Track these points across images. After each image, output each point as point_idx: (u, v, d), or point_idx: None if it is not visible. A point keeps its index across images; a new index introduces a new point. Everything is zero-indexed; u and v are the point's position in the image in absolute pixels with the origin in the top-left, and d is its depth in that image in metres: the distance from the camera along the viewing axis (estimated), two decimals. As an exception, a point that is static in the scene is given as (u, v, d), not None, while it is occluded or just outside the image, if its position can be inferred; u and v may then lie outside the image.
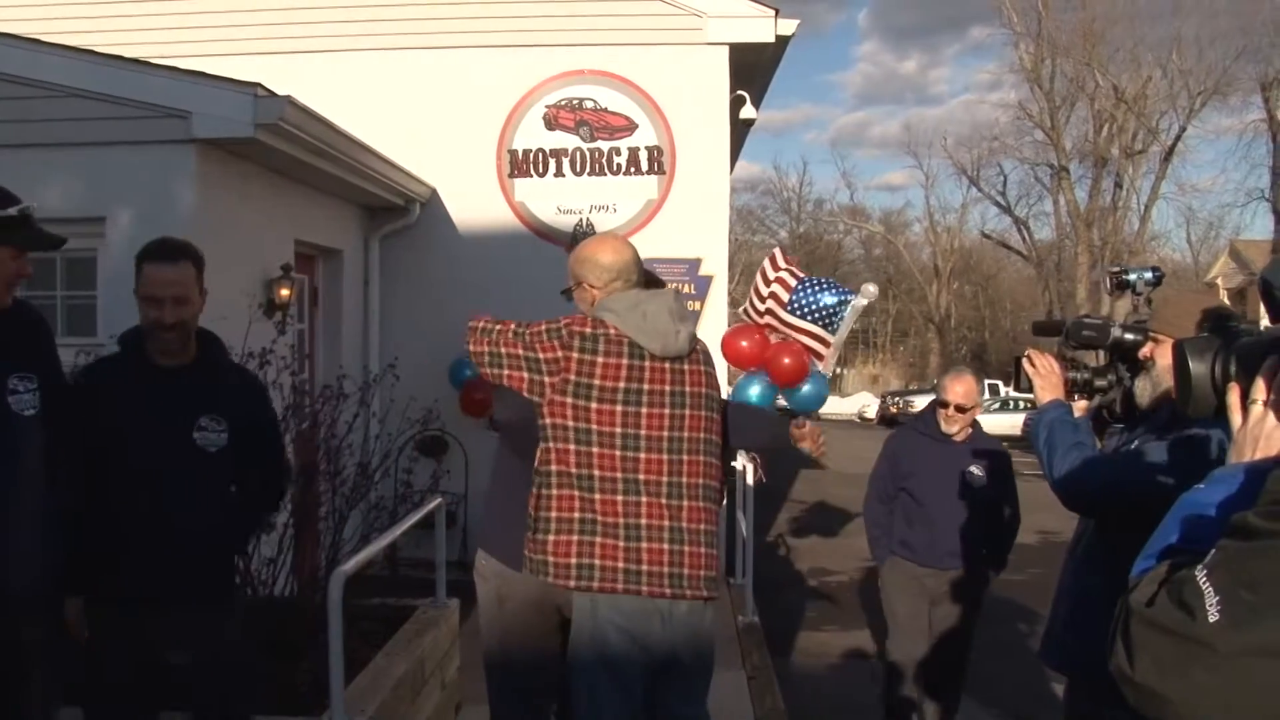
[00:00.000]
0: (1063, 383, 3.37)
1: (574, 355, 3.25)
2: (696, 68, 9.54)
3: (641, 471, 3.27)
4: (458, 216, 9.49)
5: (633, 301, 3.36)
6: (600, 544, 3.25)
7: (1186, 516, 1.40)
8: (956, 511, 5.20)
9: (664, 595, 3.27)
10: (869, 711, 6.38)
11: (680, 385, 3.37)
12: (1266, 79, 38.80)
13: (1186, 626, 1.13)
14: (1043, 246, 50.91)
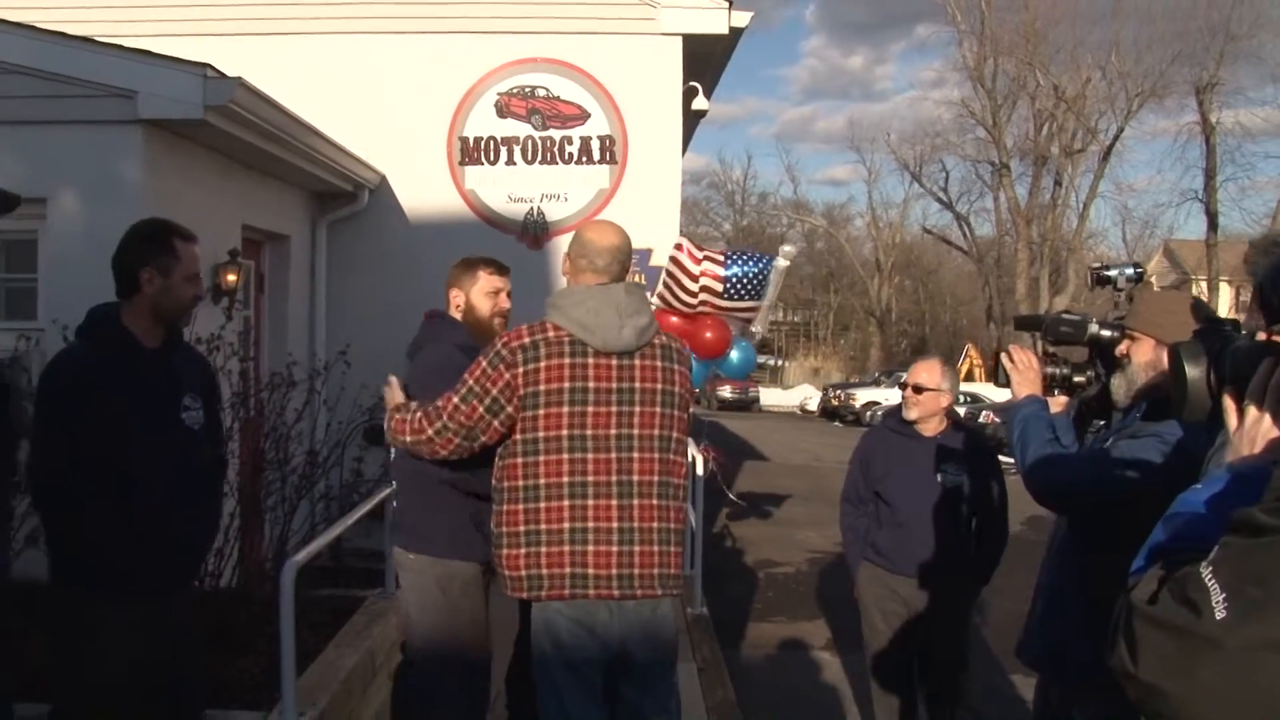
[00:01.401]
0: (1041, 378, 3.39)
1: (520, 370, 3.20)
2: (650, 58, 9.52)
3: (590, 473, 3.24)
4: (407, 204, 9.39)
5: (579, 297, 3.31)
6: (545, 553, 3.24)
7: (1179, 515, 1.40)
8: (929, 515, 4.71)
9: (612, 597, 3.27)
10: (819, 702, 6.43)
11: (629, 381, 3.30)
12: (1201, 83, 39.63)
13: (1192, 623, 1.12)
14: (983, 242, 51.59)
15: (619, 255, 3.43)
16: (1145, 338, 3.16)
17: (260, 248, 8.30)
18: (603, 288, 3.33)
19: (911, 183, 56.61)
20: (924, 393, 4.74)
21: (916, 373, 4.81)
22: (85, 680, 3.28)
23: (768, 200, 67.03)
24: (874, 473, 4.93)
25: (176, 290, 3.38)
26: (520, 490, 3.26)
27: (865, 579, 4.94)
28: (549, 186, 9.58)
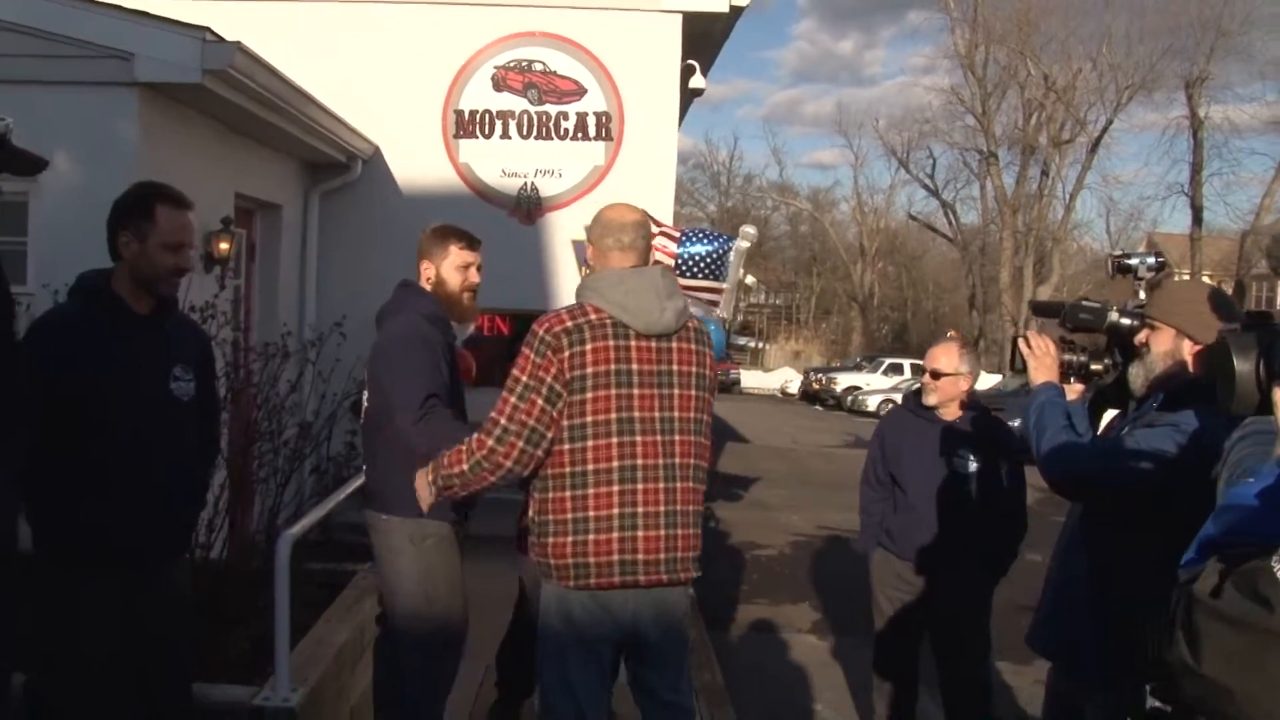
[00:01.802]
0: (1058, 365, 3.37)
1: (566, 354, 3.12)
2: (649, 34, 9.46)
3: (639, 456, 3.19)
4: (400, 175, 9.33)
5: (616, 279, 3.25)
6: (594, 540, 3.17)
7: (1232, 508, 1.38)
8: (942, 500, 4.56)
9: (660, 583, 3.24)
10: (805, 685, 6.43)
11: (668, 364, 3.27)
12: (1191, 78, 39.70)
13: (1264, 618, 1.11)
14: (968, 230, 51.67)
15: (643, 230, 3.37)
16: (1165, 327, 3.15)
17: (252, 216, 8.23)
18: (639, 270, 3.28)
19: (898, 169, 56.68)
20: (942, 378, 4.62)
21: (934, 357, 4.68)
22: (62, 652, 3.23)
23: (753, 182, 66.95)
24: (889, 454, 4.82)
25: (152, 256, 3.27)
26: (567, 477, 3.17)
27: (876, 563, 4.85)
28: (543, 162, 9.52)
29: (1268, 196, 38.47)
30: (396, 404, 3.71)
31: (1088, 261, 56.20)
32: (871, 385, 37.67)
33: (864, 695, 6.16)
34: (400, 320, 3.84)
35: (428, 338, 3.75)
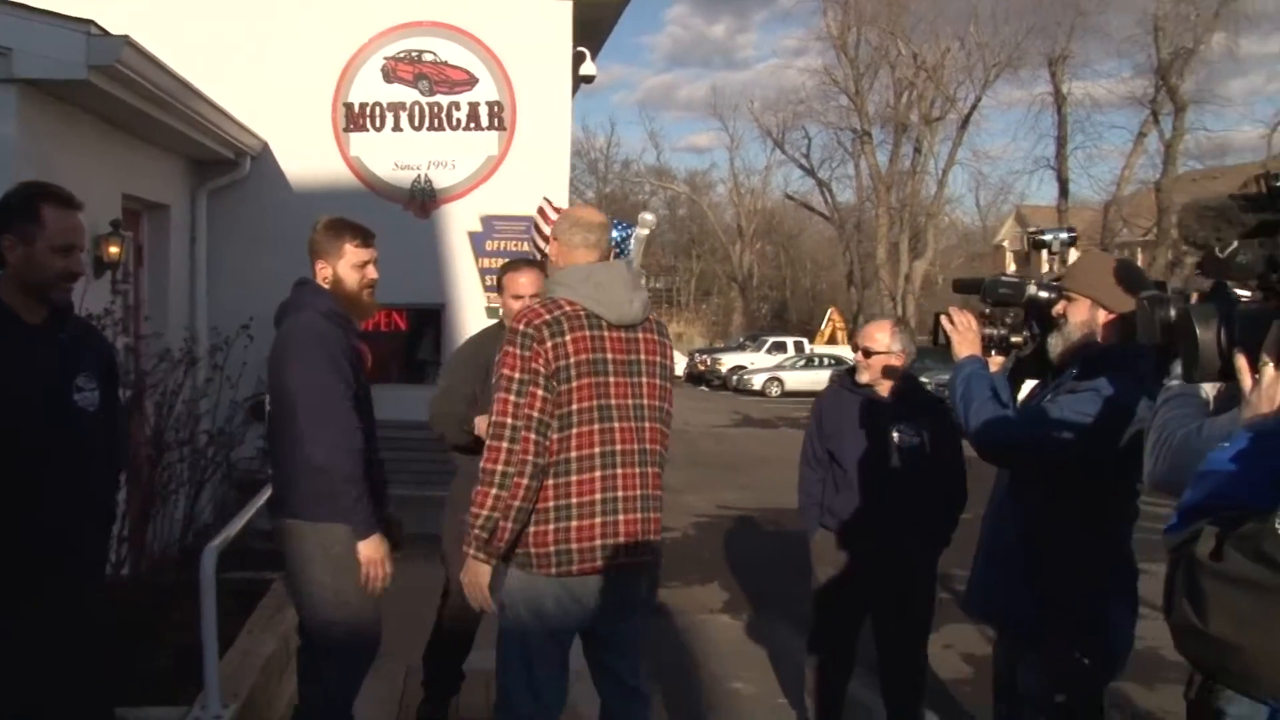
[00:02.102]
0: (980, 339, 3.50)
1: (548, 344, 3.23)
2: (539, 22, 9.40)
3: (617, 442, 3.31)
4: (291, 171, 9.12)
5: (585, 274, 3.38)
6: (576, 526, 3.26)
7: (1210, 474, 1.44)
8: (882, 477, 4.57)
9: (637, 565, 3.37)
10: (723, 663, 6.49)
11: (637, 353, 3.41)
12: (1053, 55, 41.04)
13: (1270, 578, 1.16)
14: (844, 208, 52.66)
15: (607, 231, 3.55)
16: (1081, 298, 3.31)
17: (139, 218, 7.94)
18: (607, 264, 3.45)
19: (774, 150, 57.31)
20: (874, 356, 4.64)
21: (866, 335, 4.71)
22: None
23: (631, 167, 67.06)
24: (827, 433, 4.80)
25: (40, 260, 3.11)
26: (551, 465, 3.25)
27: (817, 542, 4.82)
28: (436, 153, 9.40)
29: (1127, 168, 39.96)
30: (299, 408, 3.62)
31: (959, 235, 57.74)
32: (756, 364, 38.15)
33: (785, 670, 6.28)
34: (297, 319, 3.75)
35: (324, 335, 3.67)
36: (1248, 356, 1.58)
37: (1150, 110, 37.93)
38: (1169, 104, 36.83)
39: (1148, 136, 38.80)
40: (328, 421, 3.56)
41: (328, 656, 3.81)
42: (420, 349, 9.84)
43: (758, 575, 8.95)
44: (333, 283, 3.81)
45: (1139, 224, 38.47)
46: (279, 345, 3.72)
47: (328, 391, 3.59)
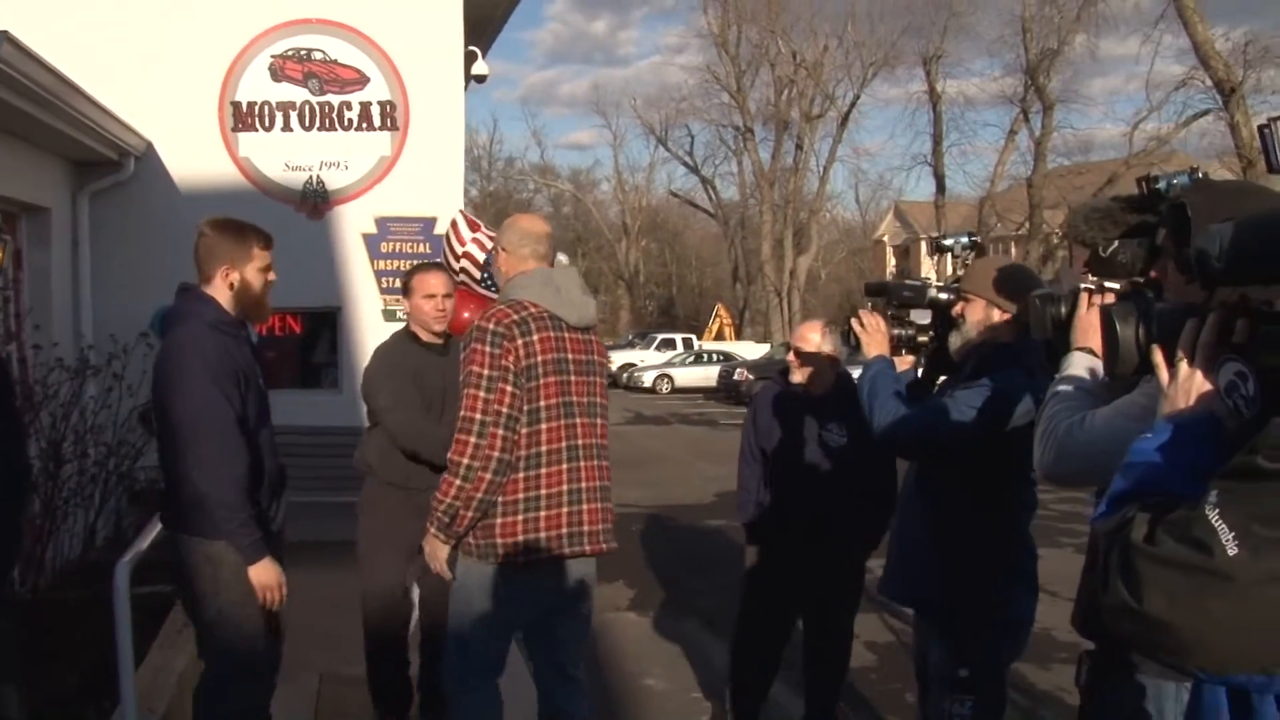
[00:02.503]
0: (888, 340, 3.66)
1: (518, 342, 3.41)
2: (430, 21, 9.32)
3: (578, 437, 3.52)
4: (177, 172, 8.86)
5: (544, 278, 3.56)
6: (545, 516, 3.45)
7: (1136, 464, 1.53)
8: (811, 475, 4.63)
9: (601, 551, 3.58)
10: (634, 660, 6.52)
11: (591, 354, 3.64)
12: (928, 55, 42.16)
13: (1204, 561, 1.23)
14: (728, 205, 53.28)
15: (551, 240, 3.72)
16: (977, 299, 3.50)
17: (16, 221, 7.64)
18: (564, 269, 3.71)
19: (657, 147, 57.70)
20: (805, 356, 4.67)
21: (799, 336, 4.74)
22: None
23: (514, 165, 66.84)
24: (761, 430, 4.84)
25: None
26: (521, 459, 3.42)
27: (752, 539, 4.89)
28: (328, 154, 9.24)
29: (1000, 164, 41.25)
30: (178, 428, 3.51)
31: (841, 231, 58.86)
32: (646, 361, 38.37)
33: (697, 665, 6.34)
34: (182, 331, 3.60)
35: (207, 350, 3.50)
36: (1164, 352, 1.66)
37: (1020, 108, 39.16)
38: (1037, 102, 38.05)
39: (1018, 134, 40.14)
40: (206, 445, 3.44)
41: (224, 673, 3.69)
42: (315, 352, 9.67)
43: (662, 572, 9.01)
44: (240, 287, 3.69)
45: (1012, 219, 39.69)
46: (161, 359, 3.59)
47: (207, 412, 3.46)
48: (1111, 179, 34.33)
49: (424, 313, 4.71)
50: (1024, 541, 3.57)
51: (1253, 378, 1.46)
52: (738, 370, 31.42)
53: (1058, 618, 3.81)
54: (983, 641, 3.46)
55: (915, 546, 3.62)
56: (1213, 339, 1.55)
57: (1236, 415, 1.48)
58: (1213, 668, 1.27)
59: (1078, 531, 9.14)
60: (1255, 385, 1.46)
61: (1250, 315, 1.53)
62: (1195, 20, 27.39)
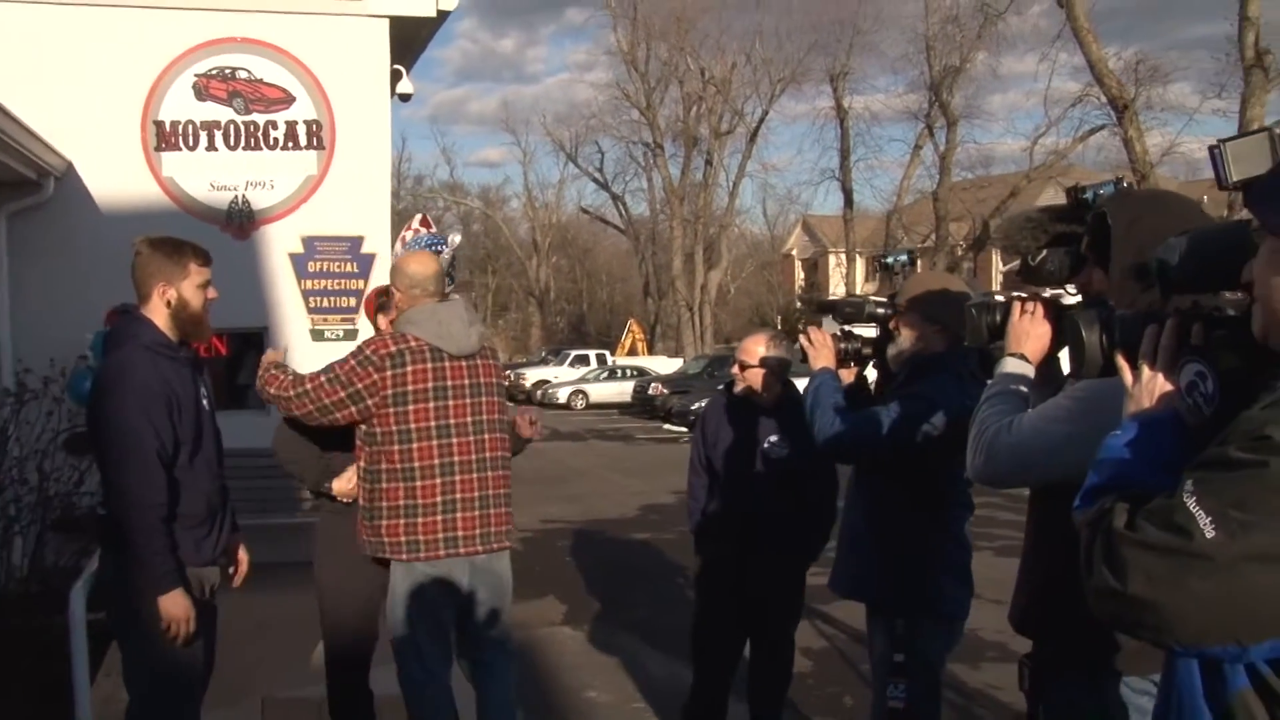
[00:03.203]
0: (834, 353, 3.92)
1: (388, 374, 3.90)
2: (356, 40, 9.29)
3: (455, 454, 3.99)
4: (99, 193, 8.68)
5: (429, 313, 4.02)
6: (423, 522, 3.95)
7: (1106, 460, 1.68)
8: (756, 486, 4.70)
9: (476, 553, 4.05)
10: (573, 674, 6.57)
11: (475, 378, 4.08)
12: (834, 71, 42.83)
13: (1184, 544, 1.36)
14: (638, 221, 53.46)
15: (440, 277, 4.15)
16: (909, 311, 3.75)
17: (-68, 243, 7.47)
18: (449, 303, 4.09)
19: (567, 164, 57.75)
20: (749, 368, 4.70)
21: (744, 349, 4.77)
22: None
23: (424, 183, 66.36)
24: (709, 442, 4.89)
25: None
26: (399, 472, 3.95)
27: (699, 549, 4.96)
28: (254, 173, 9.16)
29: (906, 179, 41.99)
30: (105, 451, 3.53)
31: (749, 245, 59.44)
32: (560, 378, 38.39)
33: (637, 676, 6.42)
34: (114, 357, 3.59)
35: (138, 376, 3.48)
36: (1126, 356, 1.82)
37: (925, 124, 39.96)
38: (941, 118, 38.87)
39: (924, 148, 40.90)
40: (127, 472, 3.45)
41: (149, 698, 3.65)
42: (241, 373, 9.56)
43: (592, 586, 9.08)
44: (177, 305, 3.65)
45: (919, 231, 40.47)
46: (95, 382, 3.60)
47: (130, 440, 3.45)
48: (1014, 192, 35.30)
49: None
50: (958, 539, 3.83)
51: (1211, 377, 1.63)
52: (652, 385, 31.60)
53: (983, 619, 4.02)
54: (917, 631, 3.72)
55: (857, 544, 3.90)
56: (1172, 343, 1.71)
57: (1197, 412, 1.64)
58: (1190, 641, 1.40)
59: (995, 535, 9.42)
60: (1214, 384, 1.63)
61: (1205, 320, 1.70)
62: (1090, 40, 28.25)
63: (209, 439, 3.74)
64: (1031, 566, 2.82)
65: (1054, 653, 2.71)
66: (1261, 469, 1.33)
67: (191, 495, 3.60)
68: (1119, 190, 2.63)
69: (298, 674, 5.96)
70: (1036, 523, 2.80)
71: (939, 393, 3.58)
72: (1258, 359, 1.54)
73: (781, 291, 56.20)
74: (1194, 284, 1.79)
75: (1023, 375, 2.63)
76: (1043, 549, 2.71)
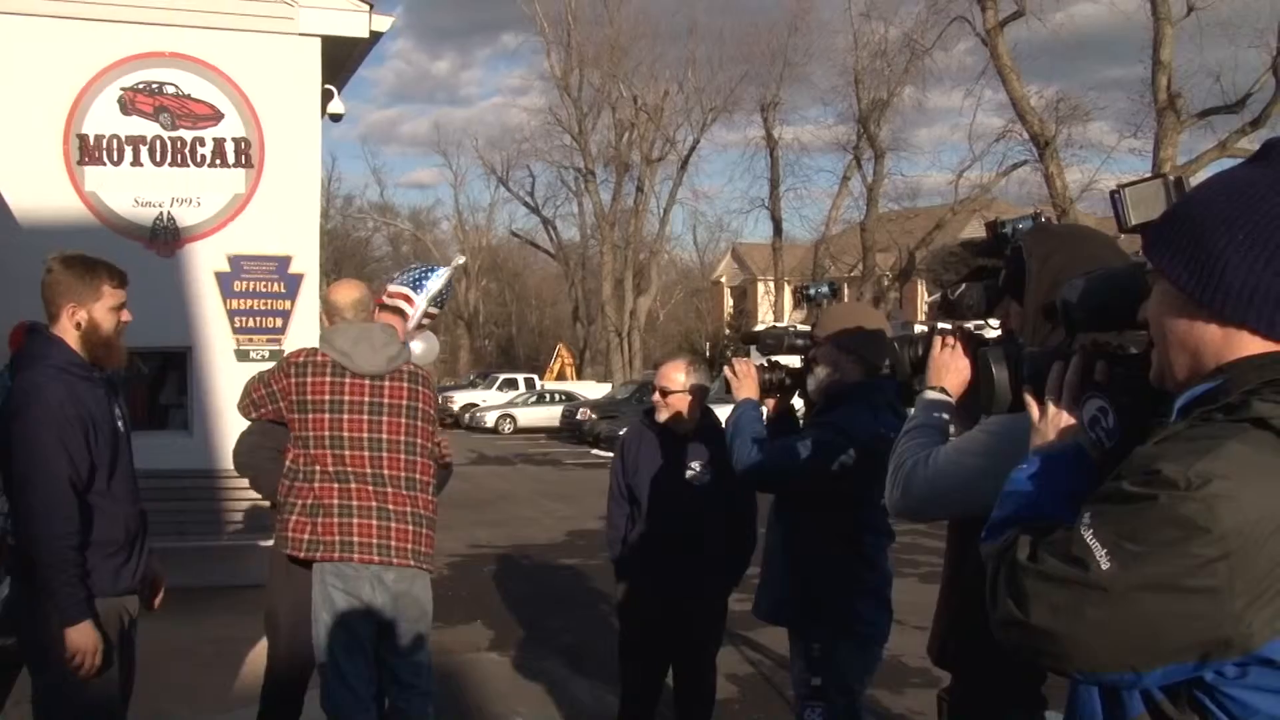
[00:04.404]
0: (757, 384, 3.97)
1: (292, 380, 4.17)
2: (287, 58, 9.23)
3: (349, 464, 4.12)
4: (18, 206, 8.50)
5: (342, 332, 4.22)
6: (321, 522, 4.08)
7: (1011, 493, 1.73)
8: (675, 514, 4.73)
9: (373, 561, 4.08)
10: (500, 699, 6.53)
11: (379, 397, 4.19)
12: (765, 102, 43.37)
13: (1081, 575, 1.40)
14: (569, 245, 53.54)
15: (363, 304, 4.35)
16: (825, 343, 3.82)
17: None
18: (363, 325, 4.28)
19: (498, 187, 57.68)
20: (671, 395, 4.73)
21: (663, 376, 4.79)
22: None
23: (354, 203, 65.90)
24: (628, 469, 4.90)
25: None
26: (302, 472, 4.14)
27: (620, 576, 4.97)
28: (180, 190, 9.04)
29: (835, 208, 42.53)
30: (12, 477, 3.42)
31: (679, 272, 59.78)
32: (488, 401, 38.19)
33: (562, 701, 6.40)
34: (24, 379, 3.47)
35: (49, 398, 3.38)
36: (1034, 392, 1.87)
37: (853, 155, 40.52)
38: (869, 150, 39.46)
39: (851, 179, 41.48)
40: (35, 499, 3.34)
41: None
42: (164, 393, 9.41)
43: (518, 611, 9.03)
44: (87, 328, 3.54)
45: (846, 261, 40.99)
46: (6, 404, 3.46)
47: (39, 466, 3.35)
48: (939, 224, 35.90)
49: None
50: (873, 565, 3.88)
51: (1112, 412, 1.68)
52: (580, 410, 31.56)
53: (906, 644, 4.07)
54: (833, 655, 3.77)
55: (776, 569, 3.95)
56: (1076, 379, 1.77)
57: (1099, 446, 1.70)
58: (1089, 669, 1.43)
59: (919, 562, 9.55)
60: (1114, 419, 1.68)
61: (1108, 358, 1.75)
62: (1012, 78, 28.99)
63: (125, 462, 3.63)
64: (949, 598, 2.87)
65: (972, 687, 2.74)
66: (1152, 502, 1.36)
67: (110, 521, 3.51)
68: (1037, 226, 2.66)
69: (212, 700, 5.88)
70: (954, 554, 2.83)
71: (851, 422, 3.63)
72: (1156, 394, 1.59)
73: (710, 318, 56.57)
74: (1092, 324, 1.86)
75: (942, 407, 2.64)
76: (959, 581, 2.73)
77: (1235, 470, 1.34)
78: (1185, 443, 1.40)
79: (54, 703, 3.51)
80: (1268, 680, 1.37)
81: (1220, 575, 1.32)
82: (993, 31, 29.15)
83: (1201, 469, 1.34)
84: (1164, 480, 1.36)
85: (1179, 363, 1.54)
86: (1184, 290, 1.49)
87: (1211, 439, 1.38)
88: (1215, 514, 1.32)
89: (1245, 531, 1.32)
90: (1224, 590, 1.32)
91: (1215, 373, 1.48)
